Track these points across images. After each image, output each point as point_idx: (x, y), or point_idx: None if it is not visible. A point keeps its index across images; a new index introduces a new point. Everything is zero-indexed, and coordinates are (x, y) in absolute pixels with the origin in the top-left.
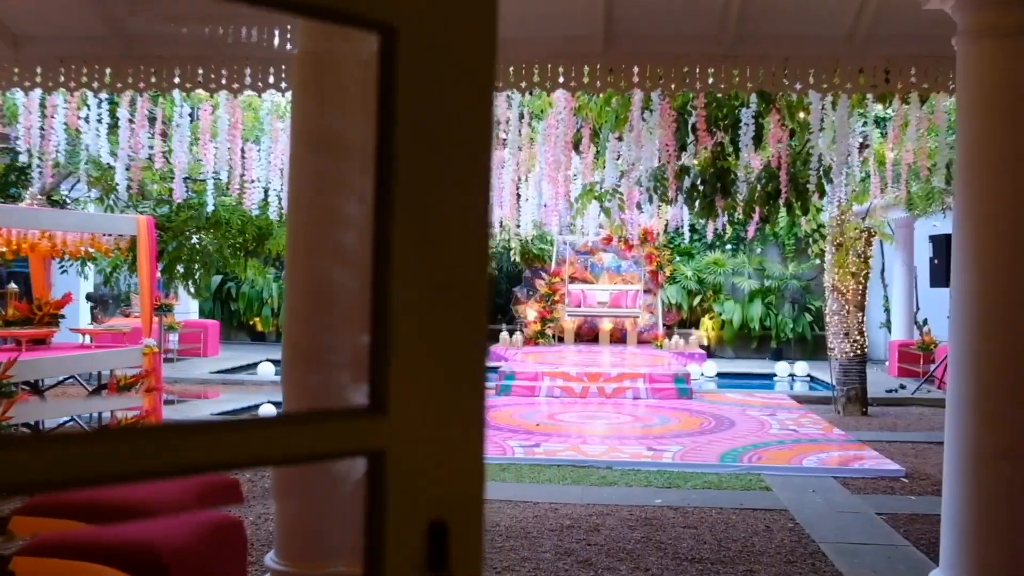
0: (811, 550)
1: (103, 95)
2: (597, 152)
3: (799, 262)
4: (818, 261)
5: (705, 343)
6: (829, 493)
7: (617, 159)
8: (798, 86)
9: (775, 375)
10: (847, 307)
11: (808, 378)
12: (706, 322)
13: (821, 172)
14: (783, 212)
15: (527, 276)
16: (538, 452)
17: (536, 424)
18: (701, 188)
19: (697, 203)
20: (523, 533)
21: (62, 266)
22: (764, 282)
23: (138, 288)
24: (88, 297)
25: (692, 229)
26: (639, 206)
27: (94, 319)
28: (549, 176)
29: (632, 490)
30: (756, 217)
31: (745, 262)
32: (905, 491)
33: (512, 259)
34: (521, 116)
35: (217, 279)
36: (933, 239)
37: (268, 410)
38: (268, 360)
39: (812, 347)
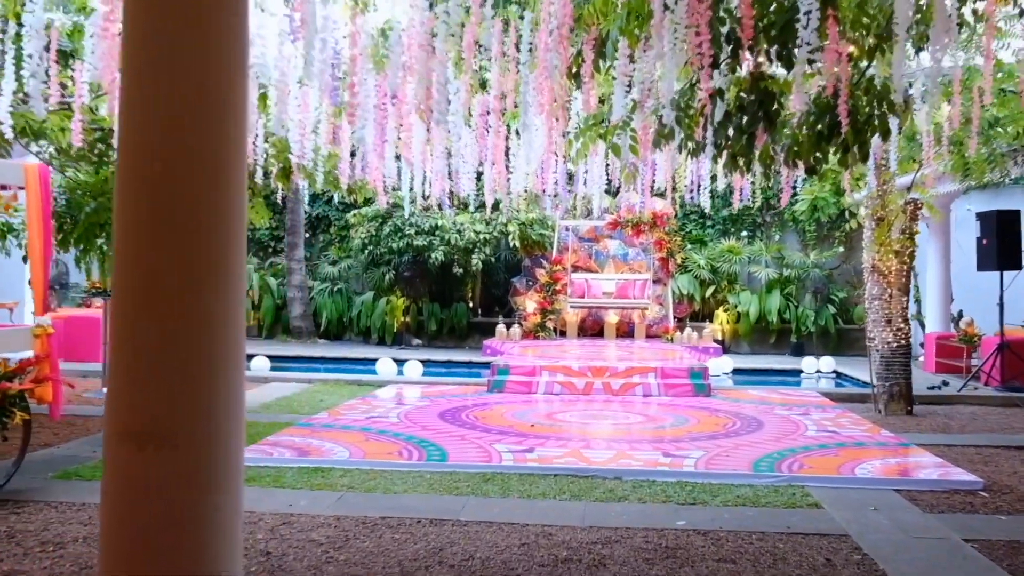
0: None
1: None
2: (603, 70)
3: (821, 249)
4: (841, 248)
5: (719, 337)
6: (896, 511)
7: (628, 88)
8: None
9: (801, 371)
10: (889, 291)
11: (834, 375)
12: (720, 314)
13: (886, 106)
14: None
15: (526, 265)
16: (531, 459)
17: (531, 425)
18: (737, 118)
19: (731, 139)
20: (504, 569)
21: None
22: (783, 271)
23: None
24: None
25: (703, 216)
26: (656, 143)
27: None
28: (540, 109)
29: (647, 508)
30: (798, 171)
31: (762, 249)
32: (989, 508)
33: (511, 245)
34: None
35: None
36: (982, 216)
37: None
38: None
39: (836, 341)
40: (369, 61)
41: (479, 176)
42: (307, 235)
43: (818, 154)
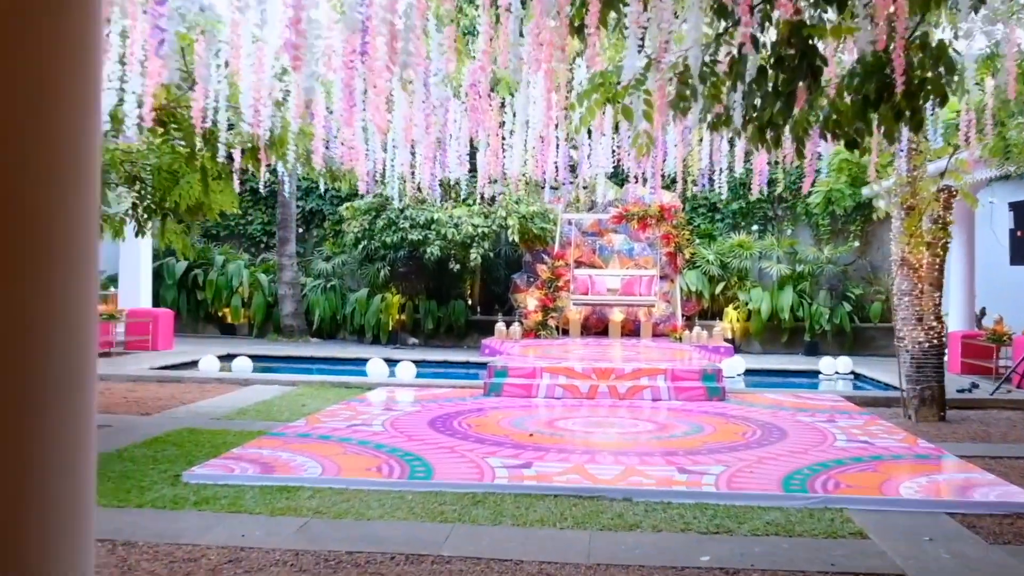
0: None
1: None
2: (612, 27)
3: (835, 244)
4: (857, 243)
5: (729, 336)
6: (955, 543)
7: (641, 43)
8: None
9: (819, 373)
10: (920, 286)
11: (852, 376)
12: (730, 312)
13: (943, 67)
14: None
15: (527, 260)
16: (528, 476)
17: (530, 435)
18: (773, 75)
19: (762, 104)
20: None
21: None
22: (796, 267)
23: None
24: None
25: (712, 208)
26: (675, 105)
27: None
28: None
29: (663, 539)
30: (823, 147)
31: (774, 244)
32: None
33: (510, 239)
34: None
35: (183, 265)
36: (1016, 207)
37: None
38: (213, 355)
39: (851, 341)
40: (334, 12)
41: (473, 158)
42: (300, 230)
43: (861, 124)
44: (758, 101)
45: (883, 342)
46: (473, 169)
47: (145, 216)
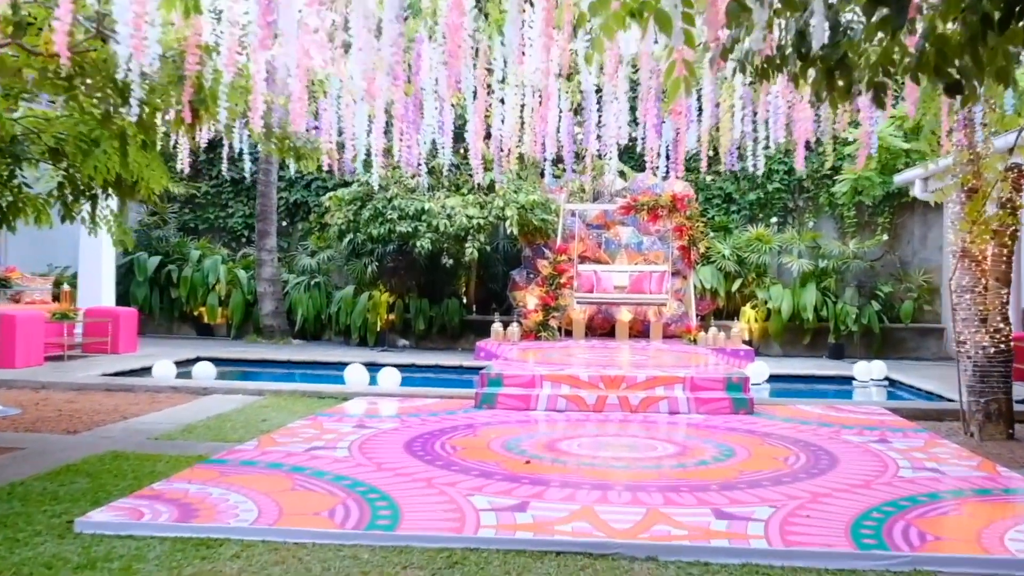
0: None
1: None
2: None
3: (861, 238)
4: (885, 236)
5: (746, 337)
6: None
7: None
8: None
9: (852, 379)
10: (984, 281)
11: (886, 382)
12: (747, 311)
13: None
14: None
15: (527, 255)
16: (522, 524)
17: (526, 461)
18: None
19: (836, 30)
20: None
21: None
22: (819, 262)
23: None
24: None
25: (727, 199)
26: (733, 14)
27: None
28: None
29: None
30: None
31: (795, 237)
32: None
33: (508, 231)
34: None
35: (155, 261)
36: None
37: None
38: (204, 359)
39: (879, 343)
40: None
41: (460, 131)
42: (283, 223)
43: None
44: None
45: (914, 344)
46: (460, 140)
47: (72, 197)
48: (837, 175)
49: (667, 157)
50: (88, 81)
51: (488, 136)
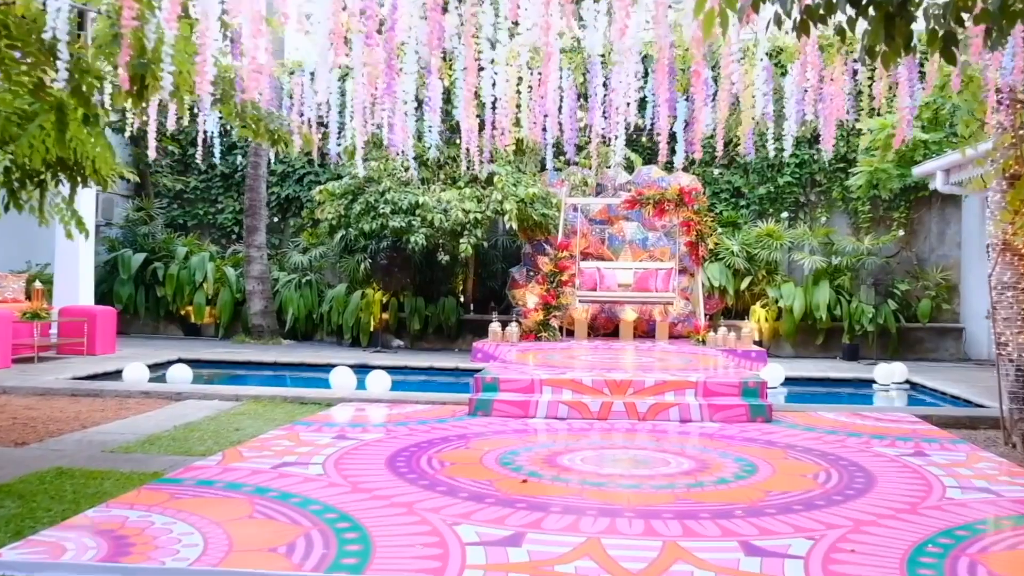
0: None
1: None
2: None
3: (876, 233)
4: (901, 232)
5: (756, 337)
6: None
7: None
8: None
9: (873, 382)
10: None
11: (907, 386)
12: (757, 310)
13: None
14: None
15: (527, 252)
16: (516, 561)
17: (523, 480)
18: None
19: None
20: None
21: None
22: (832, 259)
23: None
24: None
25: (737, 193)
26: None
27: None
28: None
29: None
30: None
31: (807, 233)
32: None
33: (507, 226)
34: None
35: (140, 258)
36: None
37: None
38: (181, 361)
39: (896, 343)
40: None
41: (448, 110)
42: (275, 219)
43: None
44: None
45: (932, 345)
46: (451, 126)
47: (18, 184)
48: (852, 168)
49: (671, 139)
50: (16, 44)
51: (482, 116)
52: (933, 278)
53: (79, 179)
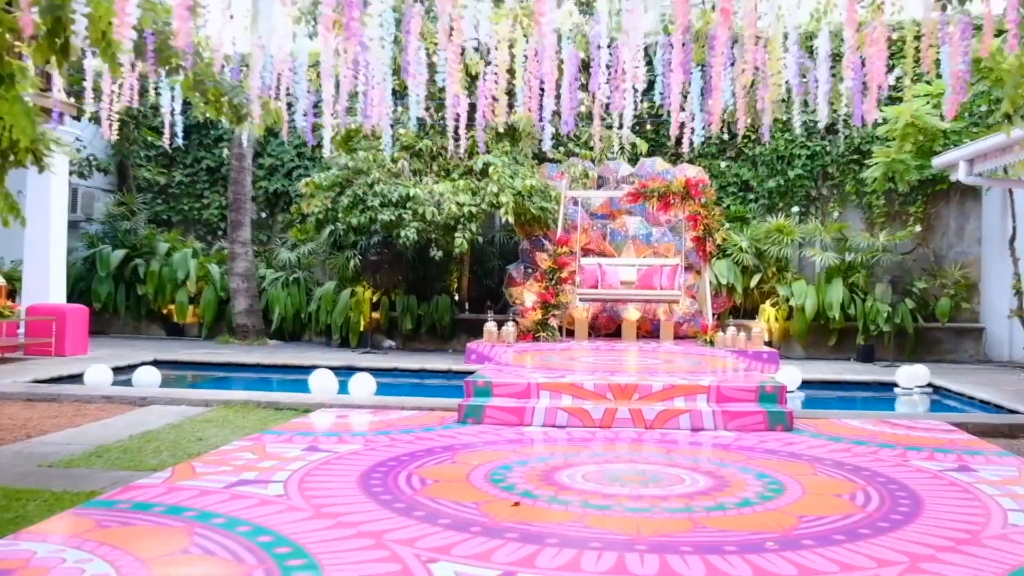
0: None
1: None
2: None
3: (891, 229)
4: (918, 227)
5: (766, 338)
6: None
7: None
8: None
9: (894, 386)
10: None
11: (930, 389)
12: (767, 309)
13: None
14: None
15: (525, 248)
16: None
17: (515, 503)
18: None
19: None
20: None
21: None
22: (845, 256)
23: None
24: None
25: (745, 186)
26: None
27: None
28: None
29: None
30: None
31: (819, 228)
32: None
33: (503, 220)
34: None
35: (120, 255)
36: None
37: None
38: (148, 364)
39: (913, 344)
40: None
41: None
42: (264, 215)
43: None
44: None
45: (950, 345)
46: (433, 98)
47: None
48: (866, 159)
49: (683, 117)
50: None
51: (472, 86)
52: (951, 276)
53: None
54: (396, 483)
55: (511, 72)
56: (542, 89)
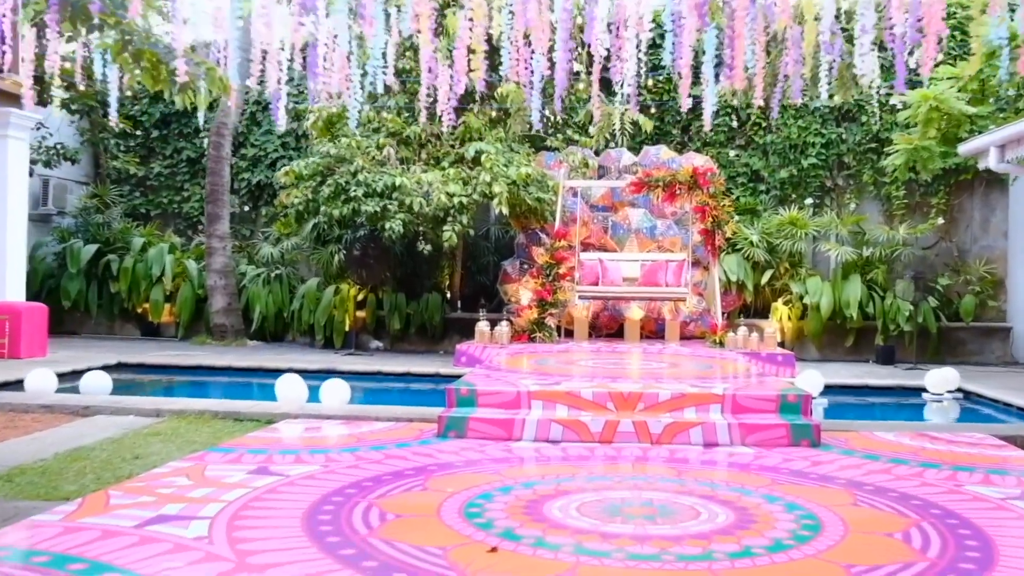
0: None
1: None
2: None
3: (912, 222)
4: (941, 220)
5: (778, 338)
6: None
7: None
8: None
9: (922, 391)
10: None
11: (960, 395)
12: (780, 308)
13: None
14: None
15: (520, 243)
16: None
17: (491, 548)
18: None
19: None
20: None
21: None
22: (863, 250)
23: None
24: None
25: (756, 176)
26: None
27: None
28: None
29: None
30: None
31: (835, 221)
32: None
33: (497, 211)
34: None
35: (91, 250)
36: None
37: None
38: (96, 368)
39: (936, 345)
40: None
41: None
42: (246, 208)
43: None
44: None
45: (975, 346)
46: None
47: None
48: (885, 148)
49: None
50: None
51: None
52: (976, 272)
53: None
54: (350, 519)
55: (491, 36)
56: (531, 50)
